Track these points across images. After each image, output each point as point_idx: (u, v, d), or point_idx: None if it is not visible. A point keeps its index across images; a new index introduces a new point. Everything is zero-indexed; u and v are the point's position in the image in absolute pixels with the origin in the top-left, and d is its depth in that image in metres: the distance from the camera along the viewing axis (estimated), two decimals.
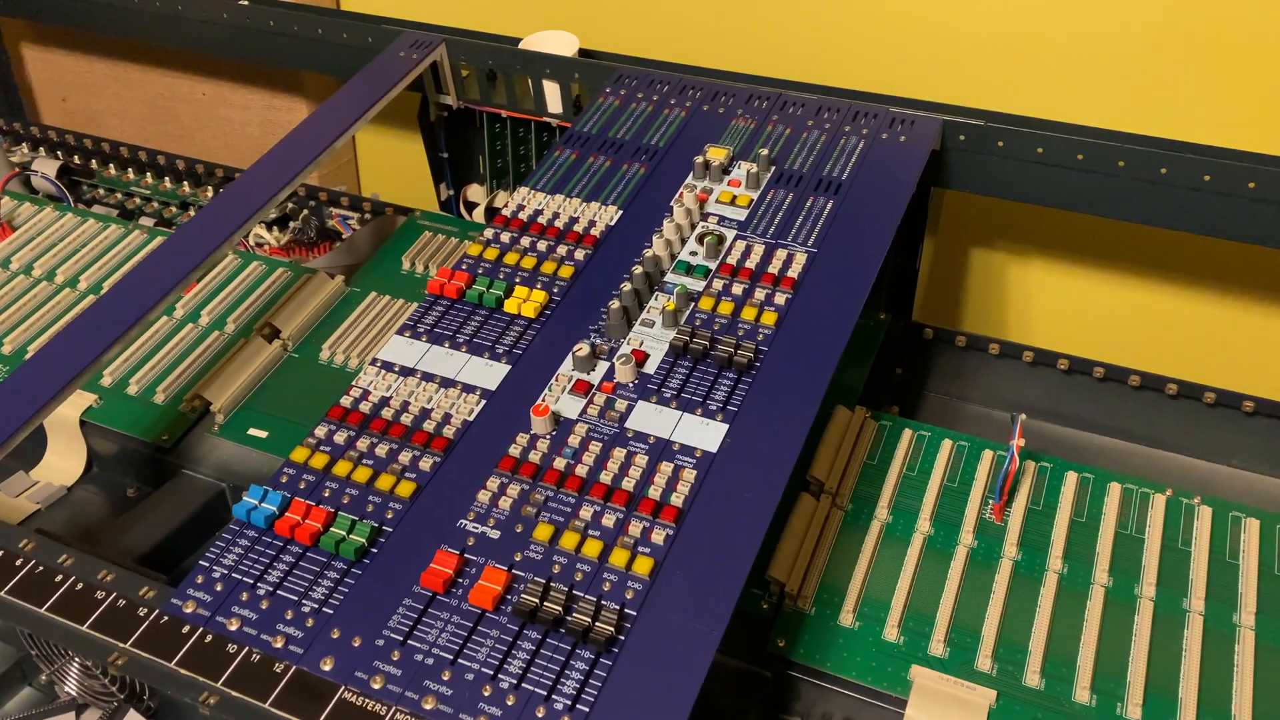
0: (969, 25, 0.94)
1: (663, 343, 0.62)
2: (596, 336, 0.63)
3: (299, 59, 1.01)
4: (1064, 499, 0.67)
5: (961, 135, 0.79)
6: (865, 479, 0.68)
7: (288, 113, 1.23)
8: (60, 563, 0.54)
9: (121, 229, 0.94)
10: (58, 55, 1.31)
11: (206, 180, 1.11)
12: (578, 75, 0.88)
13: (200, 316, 0.85)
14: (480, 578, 0.50)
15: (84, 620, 0.51)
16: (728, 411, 0.58)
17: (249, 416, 0.76)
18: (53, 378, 0.64)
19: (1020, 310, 1.06)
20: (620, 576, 0.51)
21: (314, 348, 0.81)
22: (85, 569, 0.53)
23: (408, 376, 0.62)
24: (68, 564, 0.54)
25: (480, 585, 0.50)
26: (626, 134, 0.80)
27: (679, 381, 0.60)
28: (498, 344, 0.63)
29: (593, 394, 0.60)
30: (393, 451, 0.57)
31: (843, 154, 0.76)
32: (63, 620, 0.51)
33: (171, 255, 0.74)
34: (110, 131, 1.33)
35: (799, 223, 0.70)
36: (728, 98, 0.82)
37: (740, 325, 0.63)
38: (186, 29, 1.04)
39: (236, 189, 0.78)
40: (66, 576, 0.53)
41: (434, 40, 0.91)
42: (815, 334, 0.62)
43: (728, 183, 0.74)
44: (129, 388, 0.79)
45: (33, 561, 0.53)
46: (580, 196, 0.74)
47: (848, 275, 0.66)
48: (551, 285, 0.67)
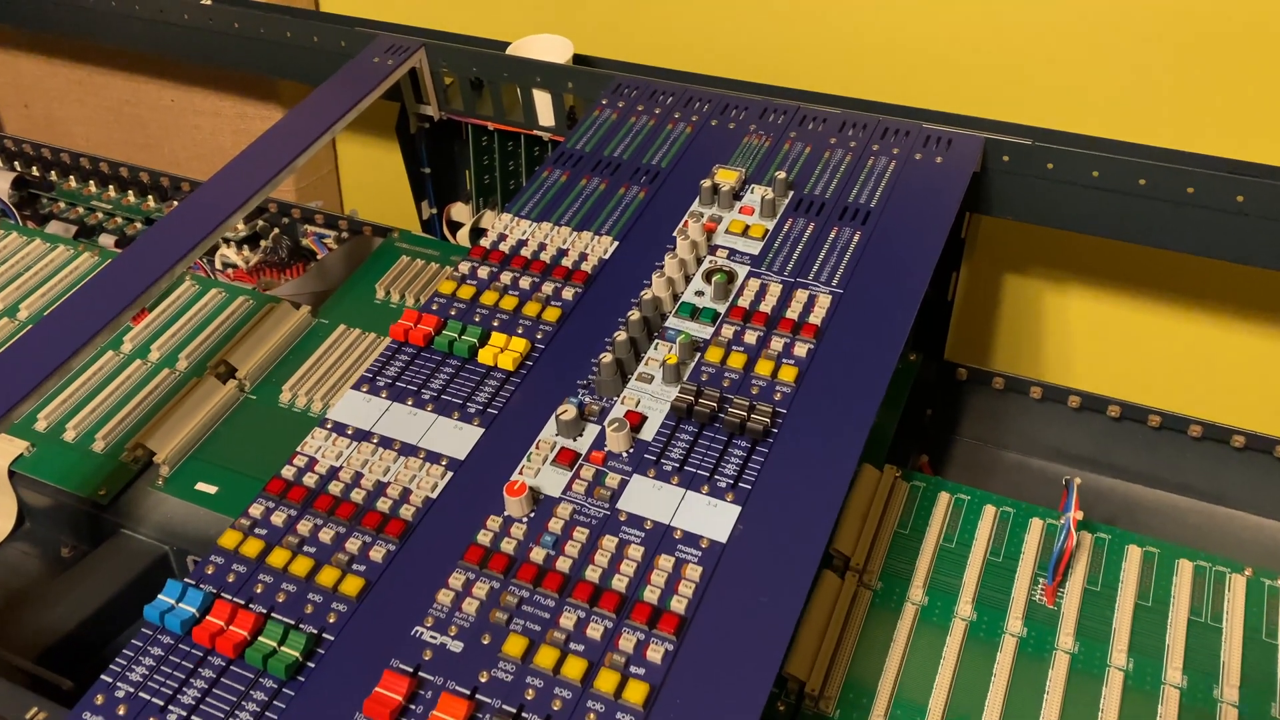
0: (1008, 29, 0.84)
1: (663, 402, 0.53)
2: (585, 394, 0.54)
3: (267, 64, 0.92)
4: (1126, 579, 0.58)
5: (1005, 156, 0.69)
6: (896, 552, 0.59)
7: (262, 121, 1.14)
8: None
9: (71, 250, 0.86)
10: (18, 58, 1.22)
11: (173, 194, 1.03)
12: (571, 84, 0.79)
13: (150, 351, 0.76)
14: (436, 707, 0.41)
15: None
16: (739, 490, 0.49)
17: (197, 469, 0.68)
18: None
19: (1058, 344, 0.97)
20: (608, 706, 0.41)
21: (273, 388, 0.72)
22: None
23: (362, 441, 0.53)
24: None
25: (435, 717, 0.40)
26: (624, 152, 0.70)
27: (681, 451, 0.51)
28: (469, 402, 0.54)
29: (579, 466, 0.50)
30: (339, 537, 0.48)
31: (871, 177, 0.67)
32: None
33: (118, 279, 0.65)
34: (75, 139, 1.25)
35: (821, 258, 0.61)
36: (739, 111, 0.73)
37: (754, 382, 0.54)
38: (145, 31, 0.95)
39: (192, 205, 0.69)
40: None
41: (412, 45, 0.82)
42: (842, 394, 0.53)
43: (739, 210, 0.64)
44: (65, 433, 0.70)
45: None
46: (571, 225, 0.65)
47: (879, 322, 0.56)
48: (535, 331, 0.58)
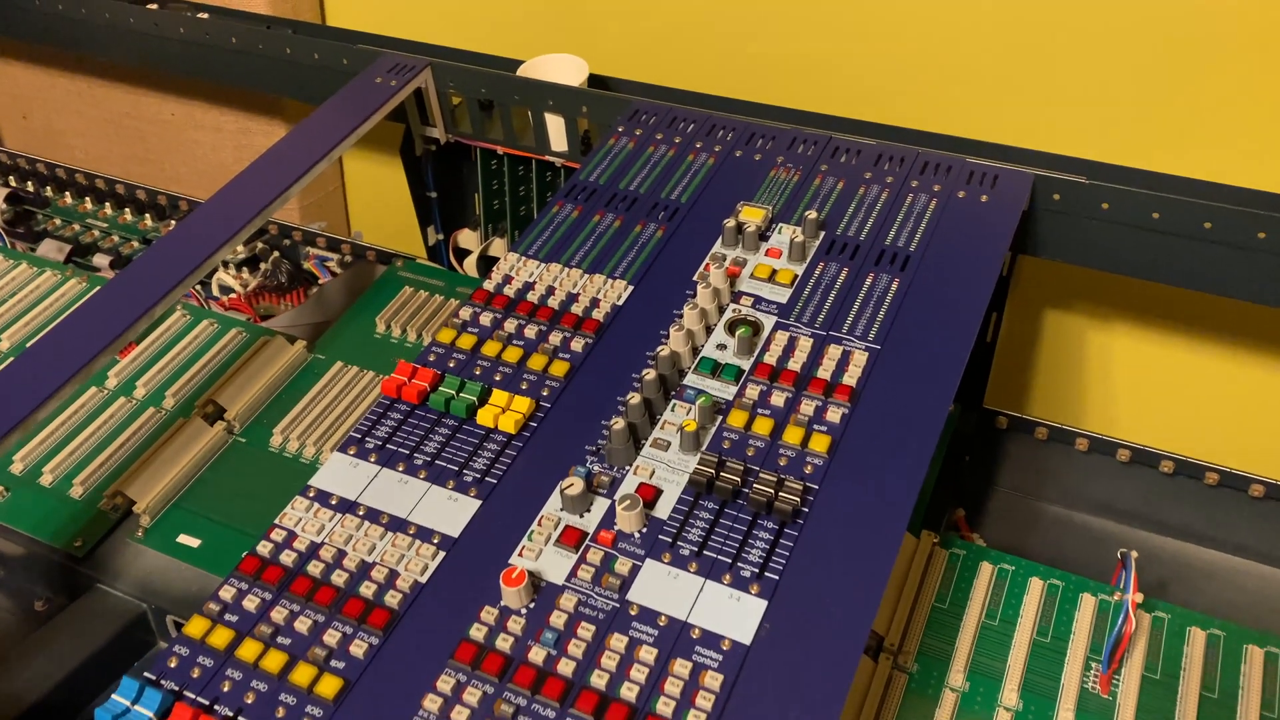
0: (1058, 54, 0.78)
1: (680, 474, 0.48)
2: (594, 461, 0.49)
3: (266, 81, 0.87)
4: (1190, 666, 0.52)
5: (1056, 194, 0.64)
6: (934, 629, 0.54)
7: (265, 137, 1.09)
8: None
9: (58, 276, 0.81)
10: (17, 68, 1.18)
11: (170, 213, 0.98)
12: (586, 108, 0.74)
13: (135, 388, 0.71)
14: None
15: None
16: (766, 580, 0.43)
17: (180, 519, 0.63)
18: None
19: (1101, 386, 0.91)
20: None
21: (264, 431, 0.68)
22: None
23: (347, 513, 0.48)
24: None
25: None
26: (641, 185, 0.65)
27: (700, 532, 0.45)
28: (466, 469, 0.49)
29: (586, 548, 0.45)
30: (317, 627, 0.43)
31: (910, 217, 0.61)
32: None
33: (107, 308, 0.60)
34: (73, 152, 1.21)
35: (856, 308, 0.55)
36: (765, 141, 0.68)
37: (782, 451, 0.48)
38: (140, 45, 0.91)
39: (187, 230, 0.65)
40: None
41: (417, 64, 0.77)
42: (881, 468, 0.47)
43: (765, 252, 0.59)
44: (42, 477, 0.66)
45: None
46: (582, 267, 0.59)
47: (921, 383, 0.51)
48: (540, 387, 0.52)
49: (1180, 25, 0.74)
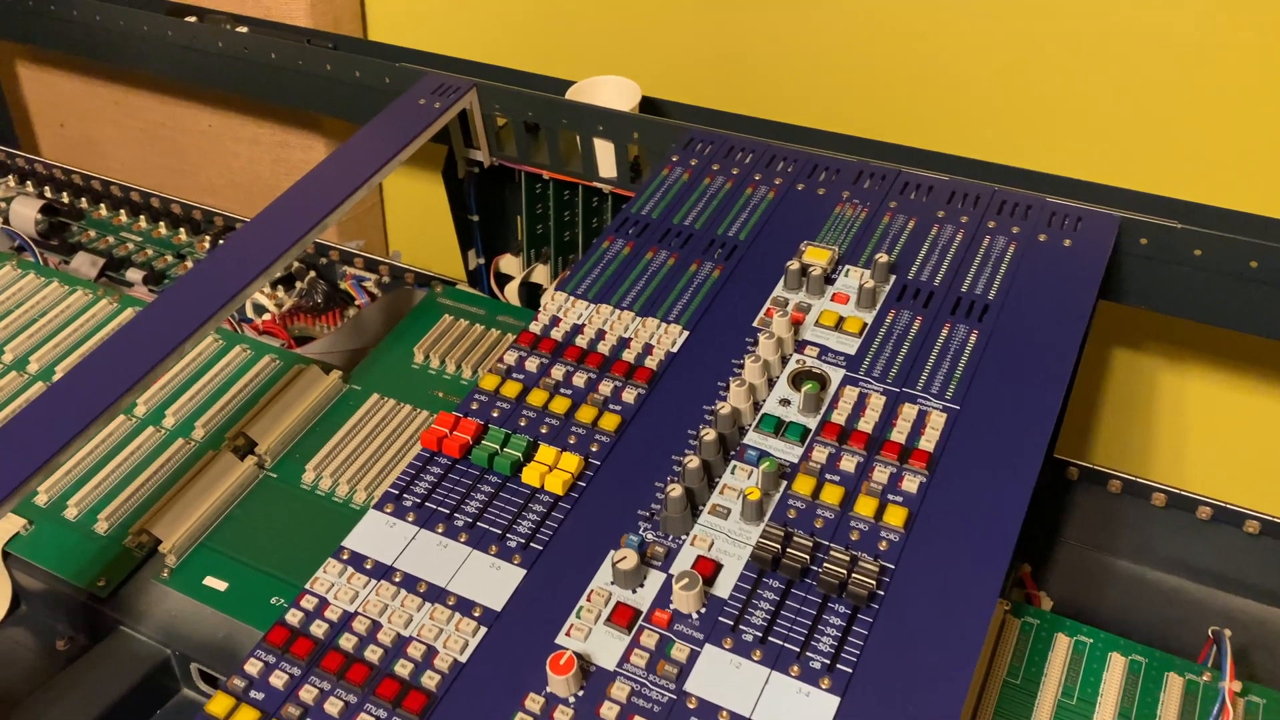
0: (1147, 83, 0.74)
1: (742, 546, 0.44)
2: (648, 528, 0.45)
3: (305, 98, 0.84)
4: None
5: (1144, 238, 0.59)
6: (1006, 707, 0.50)
7: (303, 151, 1.07)
8: None
9: (90, 296, 0.79)
10: (56, 77, 1.16)
11: (205, 228, 0.96)
12: (637, 134, 0.70)
13: (164, 417, 0.69)
14: None
15: None
16: (838, 673, 0.39)
17: (207, 560, 0.61)
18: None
19: (1172, 432, 0.86)
20: None
21: (296, 466, 0.65)
22: None
23: (383, 579, 0.44)
24: None
25: None
26: (697, 220, 0.61)
27: (765, 616, 0.41)
28: (510, 534, 0.45)
29: (639, 628, 0.41)
30: (349, 710, 0.40)
31: (988, 261, 0.57)
32: None
33: (145, 335, 0.58)
34: (109, 161, 1.19)
35: (932, 362, 0.51)
36: (829, 174, 0.64)
37: (854, 524, 0.44)
38: (178, 58, 0.88)
39: (226, 256, 0.62)
40: None
41: (462, 85, 0.73)
42: (964, 545, 0.43)
43: (831, 297, 0.55)
44: (66, 510, 0.63)
45: None
46: (634, 309, 0.56)
47: (1005, 448, 0.47)
48: (589, 442, 0.49)
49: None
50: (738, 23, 0.86)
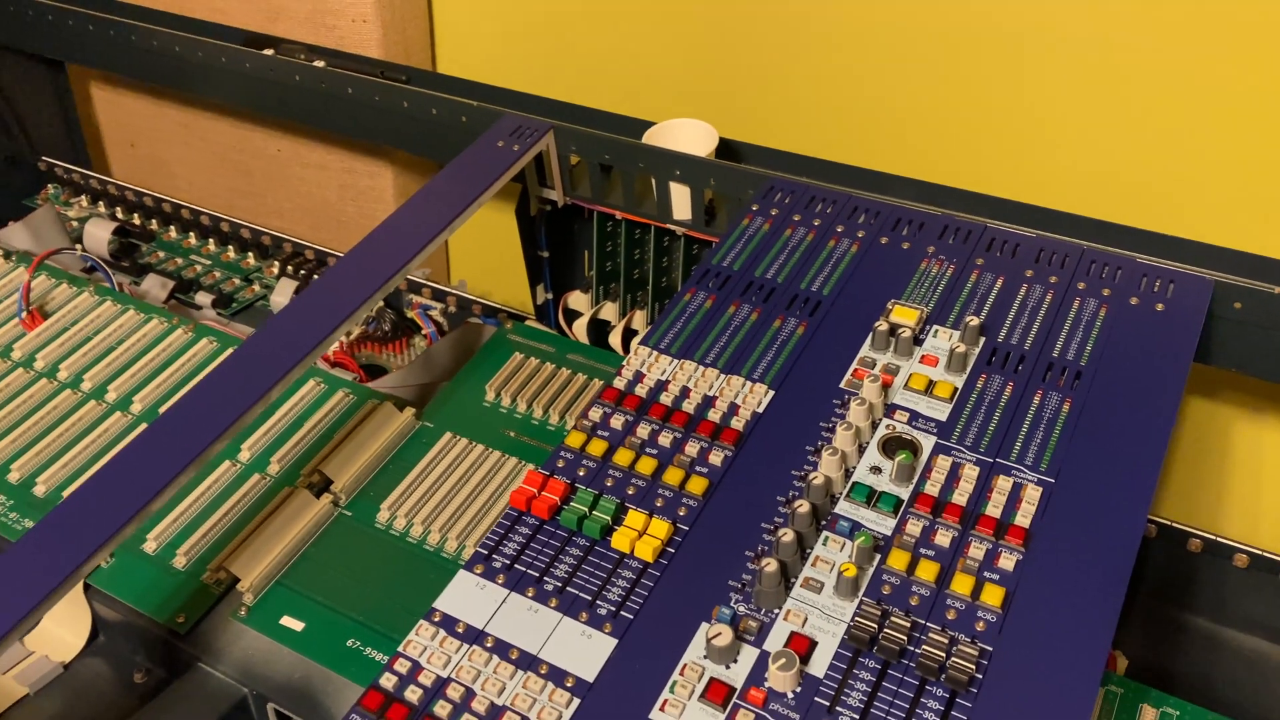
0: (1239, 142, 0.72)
1: (837, 623, 0.44)
2: (739, 601, 0.45)
3: (380, 132, 0.85)
4: None
5: (1238, 302, 0.58)
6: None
7: (370, 178, 1.08)
8: None
9: (165, 324, 0.80)
10: (127, 98, 1.18)
11: (274, 253, 0.97)
12: (714, 181, 0.70)
13: (240, 451, 0.69)
14: None
15: None
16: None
17: (284, 599, 0.61)
18: (86, 538, 0.50)
19: (1246, 486, 0.84)
20: None
21: (371, 505, 0.65)
22: None
23: (475, 644, 0.44)
24: None
25: None
26: (779, 274, 0.61)
27: (862, 697, 0.41)
28: (600, 600, 0.45)
29: (735, 707, 0.41)
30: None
31: (1079, 325, 0.56)
32: None
33: (239, 378, 0.59)
34: (177, 182, 1.21)
35: (1025, 431, 0.51)
36: (913, 228, 0.63)
37: (950, 603, 0.44)
38: (254, 89, 0.89)
39: (314, 297, 0.63)
40: None
41: (539, 128, 0.74)
42: (1063, 626, 0.42)
43: (920, 359, 0.55)
44: (146, 543, 0.64)
45: None
46: (718, 366, 0.56)
47: (1103, 525, 0.46)
48: (676, 506, 0.49)
49: None
50: (817, 66, 0.86)
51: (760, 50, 0.88)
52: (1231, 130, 0.73)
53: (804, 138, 0.82)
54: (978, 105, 0.81)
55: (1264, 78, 0.71)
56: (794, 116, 0.88)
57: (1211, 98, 0.73)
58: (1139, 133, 0.76)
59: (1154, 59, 0.74)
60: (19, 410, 0.74)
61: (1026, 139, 0.80)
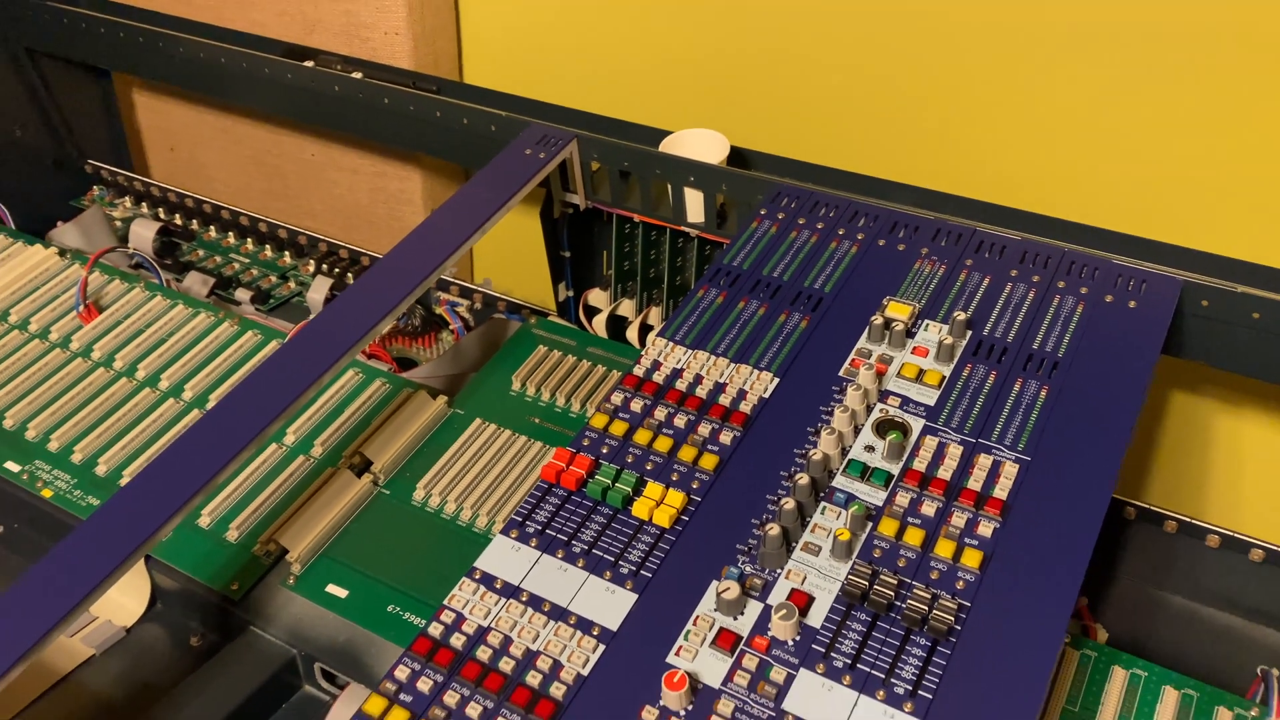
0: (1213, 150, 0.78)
1: (832, 581, 0.49)
2: (746, 562, 0.50)
3: (410, 139, 0.91)
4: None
5: (1205, 300, 0.63)
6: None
7: (399, 181, 1.13)
8: None
9: (212, 318, 0.86)
10: (168, 104, 1.25)
11: (309, 252, 1.03)
12: (725, 186, 0.76)
13: (285, 435, 0.75)
14: None
15: None
16: (919, 699, 0.45)
17: (329, 569, 0.66)
18: (150, 515, 0.56)
19: (1227, 475, 0.89)
20: None
21: (408, 485, 0.71)
22: None
23: (511, 599, 0.50)
24: None
25: None
26: (784, 272, 0.67)
27: (854, 645, 0.47)
28: (622, 560, 0.51)
29: (741, 652, 0.47)
30: (487, 714, 0.45)
31: (1057, 320, 0.61)
32: None
33: (288, 369, 0.64)
34: (214, 184, 1.27)
35: (1005, 415, 0.56)
36: (909, 231, 0.69)
37: (933, 564, 0.49)
38: (293, 98, 0.95)
39: (356, 295, 0.68)
40: None
41: (564, 137, 0.79)
42: (1033, 587, 0.48)
43: (912, 351, 0.60)
44: (200, 518, 0.70)
45: None
46: (728, 356, 0.61)
47: (1072, 499, 0.51)
48: (690, 480, 0.54)
49: None
50: (821, 82, 0.91)
51: (768, 66, 0.93)
52: (1201, 141, 0.78)
53: (809, 146, 0.87)
54: (970, 118, 0.86)
55: (1233, 93, 0.76)
56: (800, 127, 0.94)
57: (1182, 111, 0.78)
58: (1118, 144, 0.82)
59: (1132, 79, 0.79)
60: (79, 397, 0.79)
61: (1016, 149, 0.86)
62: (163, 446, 0.75)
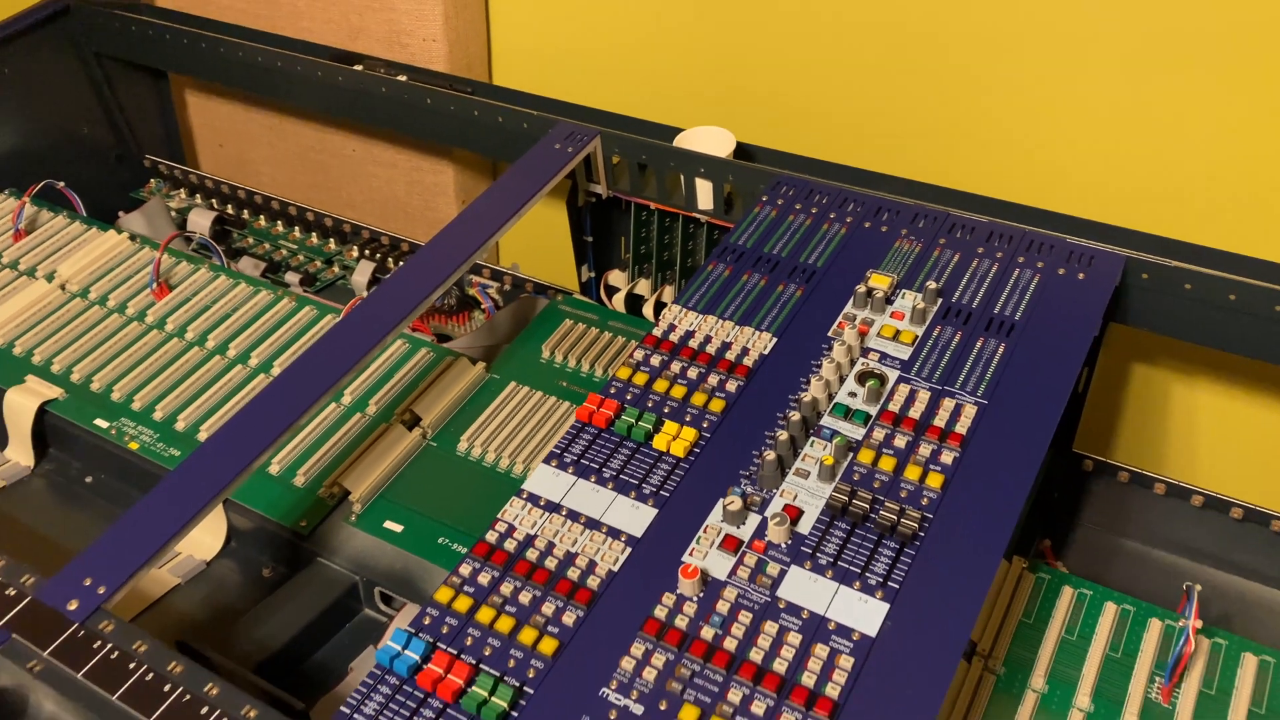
0: (1161, 142, 0.88)
1: (819, 499, 0.59)
2: (747, 484, 0.61)
3: (449, 135, 1.01)
4: (1241, 685, 0.61)
5: (1145, 274, 0.73)
6: (1020, 640, 0.64)
7: (434, 174, 1.24)
8: (206, 691, 0.54)
9: (271, 295, 0.96)
10: (218, 103, 1.35)
11: (351, 239, 1.13)
12: (732, 177, 0.86)
13: (343, 396, 0.85)
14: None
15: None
16: (888, 588, 0.55)
17: (385, 508, 0.76)
18: (230, 464, 0.65)
19: (1183, 438, 0.99)
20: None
21: (452, 437, 0.81)
22: (230, 702, 0.53)
23: (553, 513, 0.60)
24: (213, 693, 0.54)
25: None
26: (783, 250, 0.77)
27: (835, 547, 0.57)
28: (644, 483, 0.61)
29: (743, 553, 0.57)
30: (536, 600, 0.56)
31: (1016, 289, 0.72)
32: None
33: (346, 338, 0.74)
34: (262, 179, 1.37)
35: (968, 367, 0.66)
36: (891, 215, 0.79)
37: (903, 485, 0.60)
38: (342, 98, 1.06)
39: (405, 277, 0.78)
40: (211, 709, 0.53)
41: (589, 133, 0.90)
42: (984, 503, 0.58)
43: (890, 315, 0.70)
44: (271, 467, 0.80)
45: (180, 689, 0.54)
46: (733, 319, 0.72)
47: (1020, 435, 0.62)
48: (701, 420, 0.65)
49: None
50: (817, 86, 1.02)
51: (771, 71, 1.04)
52: (1146, 136, 0.88)
53: (806, 142, 0.97)
54: (946, 120, 0.97)
55: (1176, 92, 0.86)
56: (798, 125, 1.04)
57: (1130, 108, 0.88)
58: (1074, 141, 0.92)
59: (1090, 81, 0.89)
60: (157, 363, 0.90)
61: (985, 146, 0.96)
62: (234, 406, 0.85)
